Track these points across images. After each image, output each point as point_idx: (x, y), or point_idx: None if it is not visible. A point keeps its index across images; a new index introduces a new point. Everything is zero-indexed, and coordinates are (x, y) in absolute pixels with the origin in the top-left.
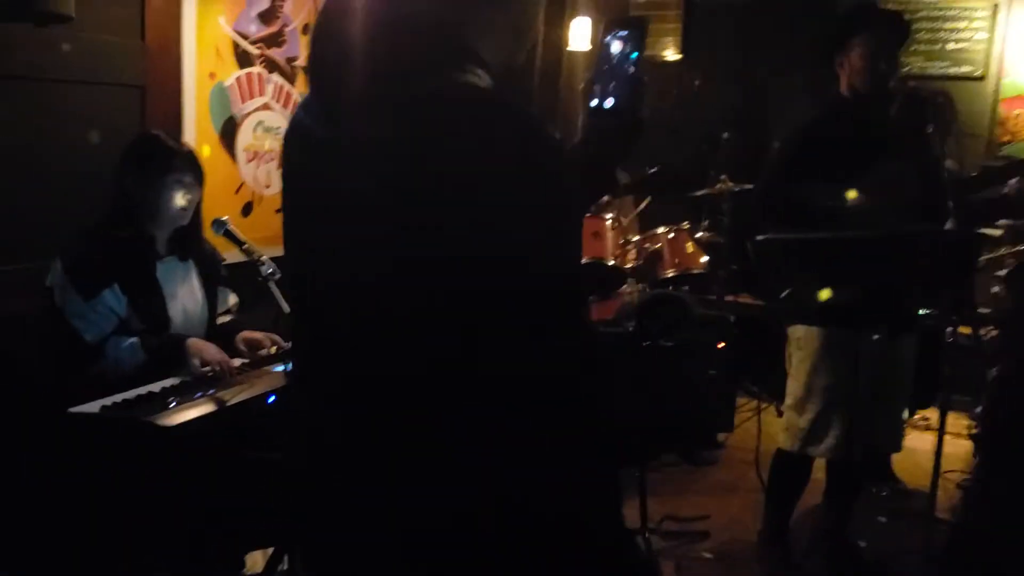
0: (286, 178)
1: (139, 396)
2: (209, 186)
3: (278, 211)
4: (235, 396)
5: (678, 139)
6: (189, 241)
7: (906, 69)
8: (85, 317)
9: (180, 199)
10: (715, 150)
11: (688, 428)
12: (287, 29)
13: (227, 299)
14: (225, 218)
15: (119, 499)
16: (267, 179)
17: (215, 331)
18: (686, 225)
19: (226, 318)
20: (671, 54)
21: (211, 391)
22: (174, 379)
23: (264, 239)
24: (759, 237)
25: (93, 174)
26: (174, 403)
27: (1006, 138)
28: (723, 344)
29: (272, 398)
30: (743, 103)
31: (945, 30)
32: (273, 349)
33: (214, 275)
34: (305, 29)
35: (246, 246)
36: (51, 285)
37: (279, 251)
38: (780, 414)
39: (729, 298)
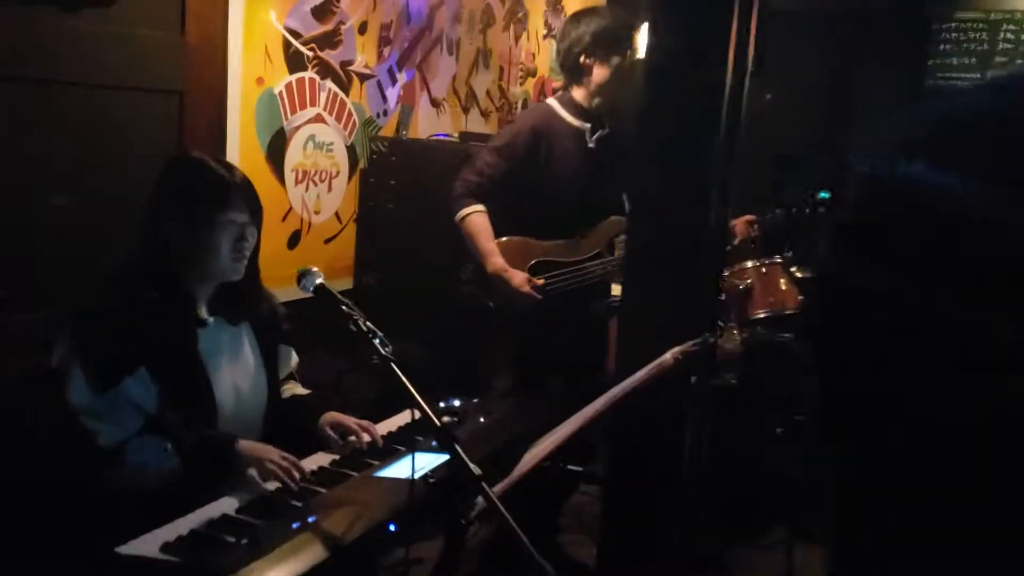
0: None
1: (207, 529)
2: None
3: (328, 241)
4: (342, 526)
5: (751, 158)
6: (243, 298)
7: None
8: (99, 415)
9: (236, 246)
10: (792, 171)
11: (798, 500)
12: (343, 28)
13: (289, 360)
14: (314, 269)
15: None
16: (317, 203)
17: (279, 413)
18: (779, 259)
19: (297, 390)
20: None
21: (297, 518)
22: (235, 497)
23: None
24: None
25: (118, 203)
26: (257, 540)
27: None
28: None
29: (393, 527)
30: (823, 118)
31: None
32: (366, 440)
33: (274, 336)
34: (363, 28)
35: (355, 317)
36: (57, 366)
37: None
38: None
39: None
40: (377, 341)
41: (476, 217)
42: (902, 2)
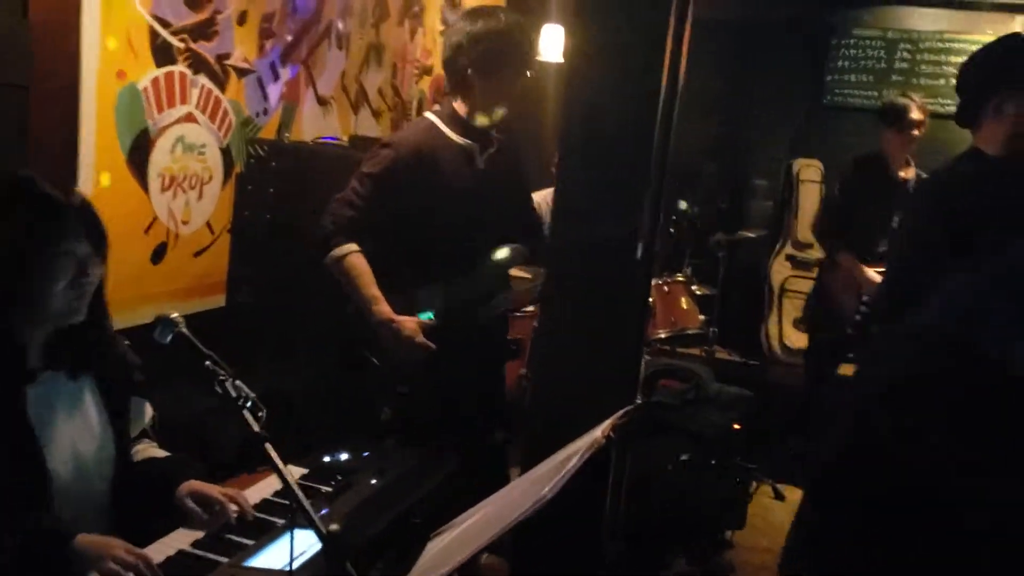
0: None
1: None
2: (109, 225)
3: (199, 254)
4: None
5: None
6: (85, 346)
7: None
8: None
9: (74, 283)
10: (692, 184)
11: (700, 530)
12: (220, 17)
13: (142, 415)
14: (173, 316)
15: None
16: (185, 212)
17: (129, 481)
18: (681, 277)
19: (152, 452)
20: None
21: None
22: None
23: (180, 292)
24: None
25: None
26: None
27: None
28: (740, 426)
29: None
30: (724, 133)
31: (951, 64)
32: (233, 512)
33: (124, 388)
34: (242, 19)
35: (221, 377)
36: None
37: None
38: (777, 496)
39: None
40: (248, 409)
41: (353, 259)
42: (802, 16)
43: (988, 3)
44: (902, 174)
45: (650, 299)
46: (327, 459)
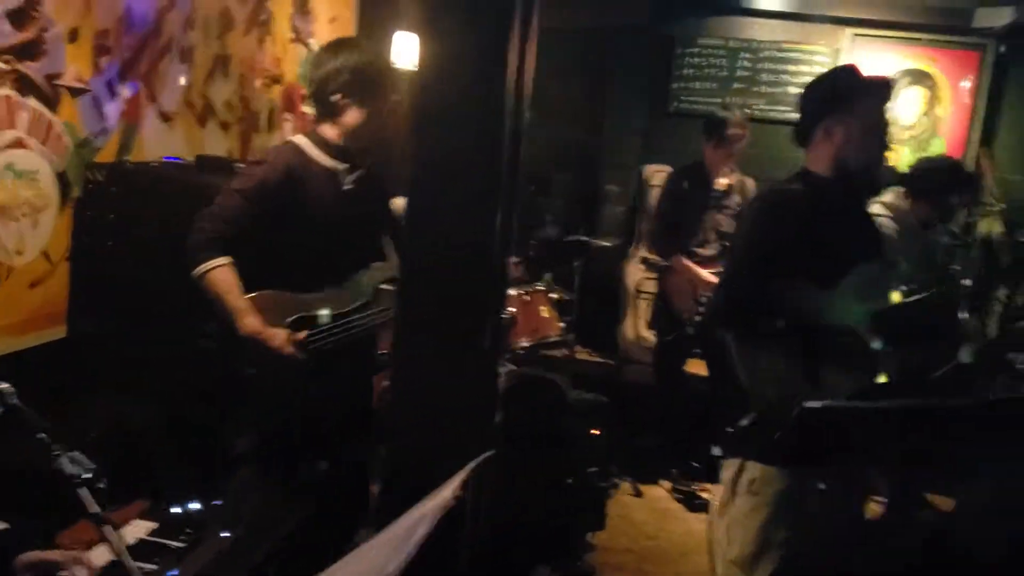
0: None
1: None
2: None
3: (35, 285)
4: None
5: None
6: None
7: (748, 112)
8: None
9: None
10: (546, 192)
11: (562, 536)
12: (48, 35)
13: None
14: (4, 387)
15: None
16: (19, 243)
17: None
18: (541, 286)
19: None
20: None
21: None
22: None
23: (16, 326)
24: (811, 404)
25: None
26: None
27: None
28: (598, 431)
29: None
30: (577, 140)
31: (789, 72)
32: None
33: None
34: (73, 36)
35: (56, 453)
36: None
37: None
38: (637, 493)
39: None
40: (84, 491)
41: (221, 272)
42: (649, 26)
43: (821, 16)
44: (723, 181)
45: (512, 309)
46: (176, 509)
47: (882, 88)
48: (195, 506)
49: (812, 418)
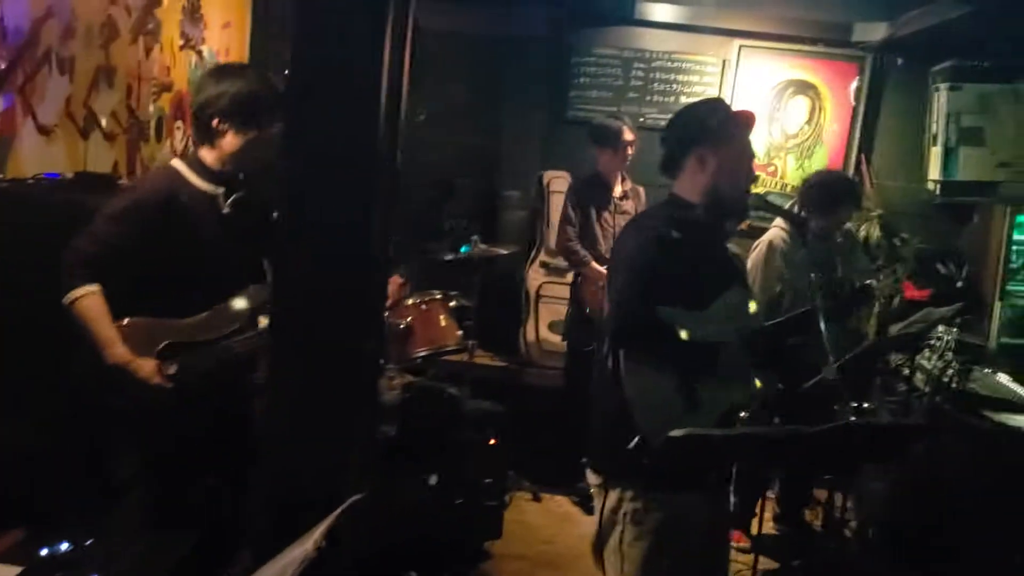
0: None
1: None
2: None
3: None
4: None
5: (403, 183)
6: None
7: (640, 120)
8: None
9: None
10: (448, 197)
11: (457, 549)
12: None
13: None
14: None
15: None
16: None
17: None
18: (438, 294)
19: None
20: None
21: None
22: None
23: None
24: (676, 433)
25: None
26: None
27: None
28: (495, 440)
29: None
30: (478, 145)
31: (680, 82)
32: None
33: None
34: None
35: None
36: None
37: None
38: (535, 498)
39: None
40: None
41: (90, 300)
42: (546, 34)
43: (710, 28)
44: (618, 188)
45: (408, 319)
46: (45, 551)
47: (749, 120)
48: (65, 547)
49: (677, 446)
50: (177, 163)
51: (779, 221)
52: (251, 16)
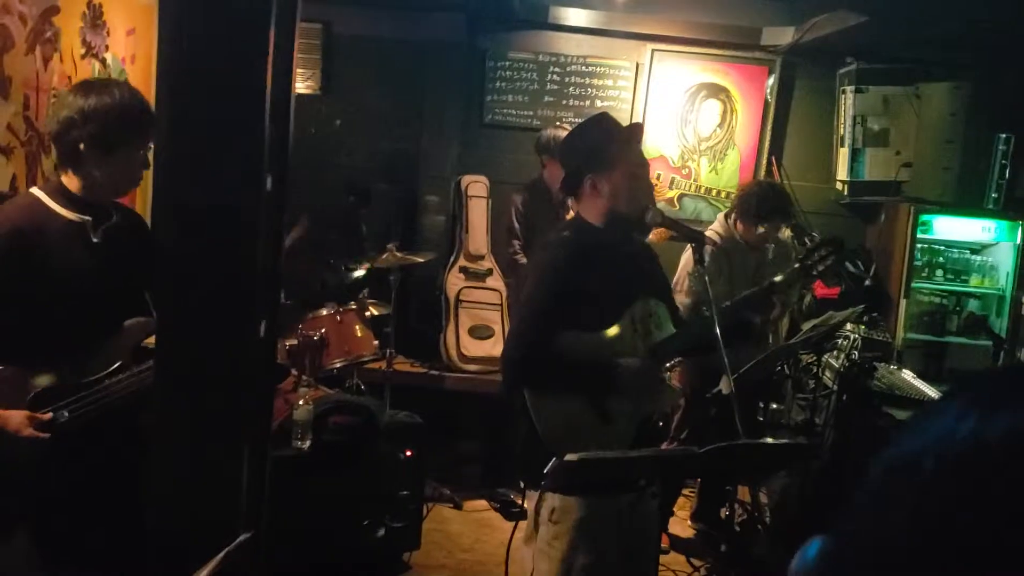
0: None
1: None
2: None
3: None
4: None
5: (321, 189)
6: None
7: (557, 124)
8: None
9: None
10: (366, 203)
11: (370, 563)
12: None
13: None
14: None
15: None
16: None
17: None
18: (354, 305)
19: None
20: (308, 88)
21: None
22: None
23: None
24: (572, 457)
25: None
26: None
27: None
28: (411, 452)
29: None
30: (396, 150)
31: (595, 86)
32: None
33: None
34: None
35: None
36: None
37: None
38: (456, 506)
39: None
40: None
41: None
42: (462, 39)
43: (623, 32)
44: (560, 195)
45: (322, 330)
46: None
47: (636, 131)
48: None
49: (572, 468)
50: (36, 191)
51: (716, 224)
52: (158, 22)
